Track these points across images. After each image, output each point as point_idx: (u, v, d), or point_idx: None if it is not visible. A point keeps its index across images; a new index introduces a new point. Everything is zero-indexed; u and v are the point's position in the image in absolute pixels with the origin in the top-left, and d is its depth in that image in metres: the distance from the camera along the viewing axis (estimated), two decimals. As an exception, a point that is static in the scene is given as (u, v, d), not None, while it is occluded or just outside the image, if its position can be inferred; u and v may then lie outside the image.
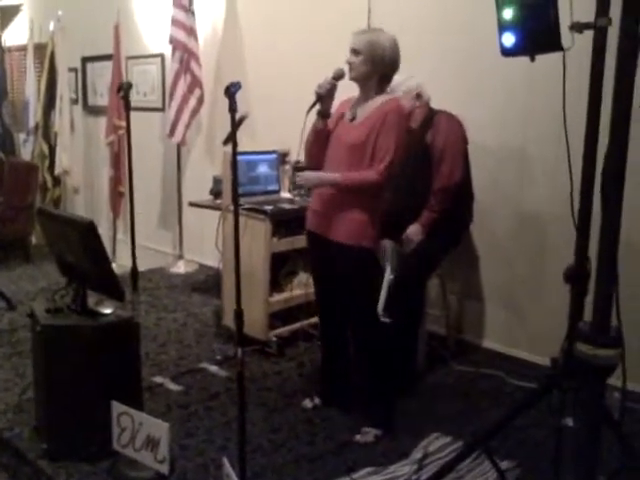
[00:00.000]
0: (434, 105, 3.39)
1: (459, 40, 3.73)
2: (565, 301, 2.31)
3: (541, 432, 2.77)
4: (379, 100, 2.71)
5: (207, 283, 5.15)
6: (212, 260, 5.17)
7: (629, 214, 1.85)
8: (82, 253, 2.45)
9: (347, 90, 2.79)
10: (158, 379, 3.35)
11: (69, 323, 2.46)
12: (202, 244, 5.38)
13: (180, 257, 5.67)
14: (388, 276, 3.43)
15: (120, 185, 5.80)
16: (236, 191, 2.02)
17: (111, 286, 2.46)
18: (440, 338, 3.84)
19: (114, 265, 5.51)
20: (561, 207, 2.38)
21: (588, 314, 2.03)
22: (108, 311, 2.55)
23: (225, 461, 2.21)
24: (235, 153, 2.02)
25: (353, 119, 2.74)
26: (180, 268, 5.54)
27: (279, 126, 4.67)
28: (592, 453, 1.86)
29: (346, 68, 2.70)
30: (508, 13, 2.00)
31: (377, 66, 2.66)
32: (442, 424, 2.93)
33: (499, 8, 2.01)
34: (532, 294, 3.66)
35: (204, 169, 5.25)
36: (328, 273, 2.89)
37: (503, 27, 2.03)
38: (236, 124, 2.28)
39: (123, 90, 2.64)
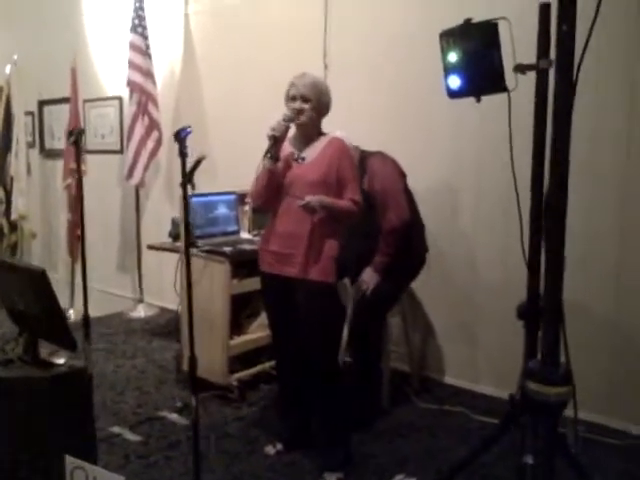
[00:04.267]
0: (381, 147, 3.41)
1: (411, 81, 3.82)
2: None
3: (505, 468, 2.75)
4: (323, 140, 2.82)
5: (168, 327, 5.06)
6: (173, 303, 5.09)
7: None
8: (33, 302, 2.38)
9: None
10: (116, 429, 3.25)
11: (19, 375, 2.37)
12: (162, 287, 5.30)
13: (140, 301, 5.58)
14: (349, 314, 3.43)
15: (78, 229, 5.71)
16: (188, 233, 2.00)
17: (63, 336, 2.39)
18: (404, 375, 3.82)
19: (72, 311, 5.40)
20: (516, 242, 2.40)
21: (544, 349, 2.05)
22: (61, 361, 2.47)
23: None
24: (186, 196, 2.01)
25: (300, 159, 2.79)
26: (140, 312, 5.44)
27: (239, 167, 4.66)
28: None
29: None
30: (453, 57, 2.05)
31: (324, 111, 2.83)
32: (407, 464, 2.91)
33: (444, 52, 2.07)
34: (493, 329, 3.68)
35: (163, 211, 5.21)
36: (288, 313, 2.87)
37: (448, 70, 2.08)
38: (194, 165, 2.29)
39: (74, 136, 2.60)
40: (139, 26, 5.06)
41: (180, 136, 2.10)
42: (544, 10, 2.00)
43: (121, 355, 4.45)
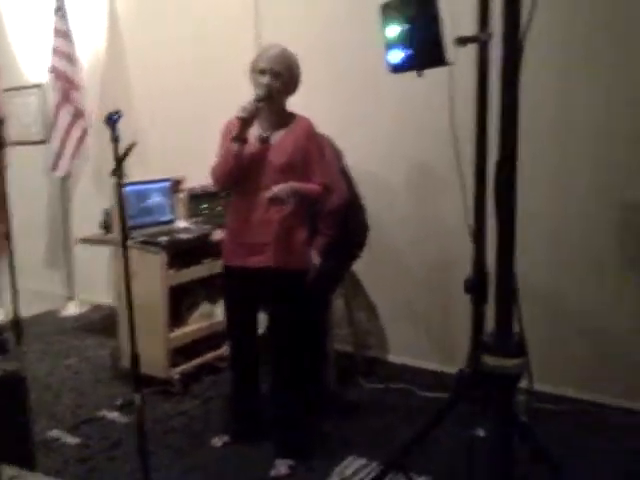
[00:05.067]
0: (319, 125, 3.35)
1: (350, 56, 3.73)
2: (470, 310, 2.33)
3: (456, 442, 2.75)
4: (290, 120, 2.69)
5: (102, 323, 4.84)
6: (107, 298, 4.90)
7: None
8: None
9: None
10: (54, 433, 3.09)
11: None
12: (94, 282, 5.10)
13: (71, 298, 5.34)
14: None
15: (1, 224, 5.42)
16: (125, 226, 1.89)
17: (-9, 338, 2.25)
18: (348, 356, 3.81)
19: (0, 310, 5.11)
20: (461, 217, 2.40)
21: (491, 323, 2.06)
22: (-9, 365, 2.33)
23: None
24: (120, 185, 1.90)
25: (264, 140, 2.64)
26: (71, 310, 5.20)
27: (172, 153, 4.52)
28: (506, 461, 1.86)
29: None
30: (393, 31, 2.01)
31: (292, 87, 2.67)
32: (357, 445, 2.89)
33: (384, 26, 2.02)
34: (438, 305, 3.70)
35: (93, 202, 4.96)
36: (251, 304, 2.82)
37: (389, 45, 2.04)
38: (124, 153, 2.17)
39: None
40: (60, 9, 4.79)
41: (111, 121, 1.98)
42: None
43: (55, 356, 4.23)
